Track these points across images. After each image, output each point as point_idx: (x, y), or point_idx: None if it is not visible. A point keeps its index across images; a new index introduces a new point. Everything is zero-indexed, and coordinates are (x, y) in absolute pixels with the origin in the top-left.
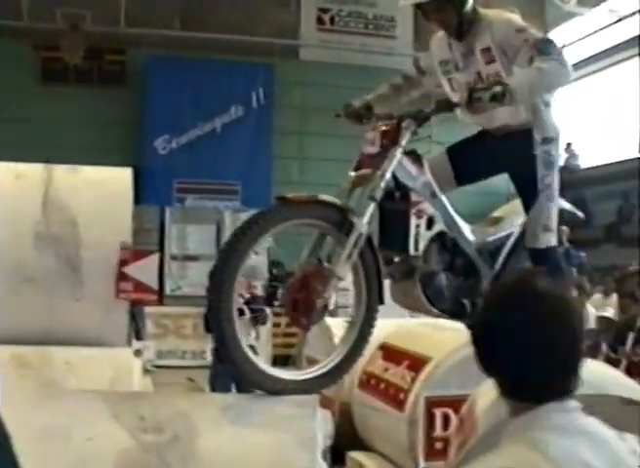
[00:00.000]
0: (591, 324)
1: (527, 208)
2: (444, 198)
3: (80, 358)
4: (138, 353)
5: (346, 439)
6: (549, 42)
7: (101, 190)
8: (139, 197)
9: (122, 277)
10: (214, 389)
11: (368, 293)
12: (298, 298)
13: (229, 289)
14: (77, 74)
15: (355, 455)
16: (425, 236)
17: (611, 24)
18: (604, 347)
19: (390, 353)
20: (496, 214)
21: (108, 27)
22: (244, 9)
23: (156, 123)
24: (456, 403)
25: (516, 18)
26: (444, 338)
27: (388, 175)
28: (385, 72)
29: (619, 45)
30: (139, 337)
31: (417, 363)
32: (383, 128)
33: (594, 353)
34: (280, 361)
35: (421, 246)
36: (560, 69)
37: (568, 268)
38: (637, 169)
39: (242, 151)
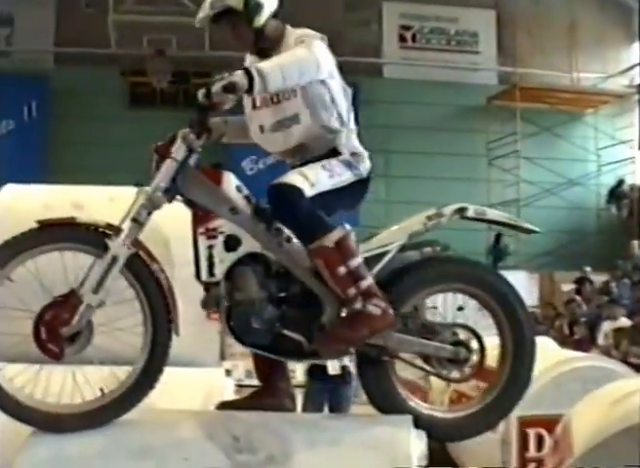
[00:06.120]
0: None
1: None
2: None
3: (174, 378)
4: (227, 373)
5: (437, 456)
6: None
7: None
8: None
9: None
10: (305, 409)
11: (153, 325)
12: (42, 326)
13: None
14: (164, 98)
15: None
16: (227, 258)
17: None
18: None
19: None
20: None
21: (193, 52)
22: (326, 30)
23: None
24: (549, 423)
25: (313, 33)
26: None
27: (159, 193)
28: (469, 88)
29: None
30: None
31: None
32: (158, 143)
33: None
34: None
35: (219, 270)
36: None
37: None
38: None
39: None
